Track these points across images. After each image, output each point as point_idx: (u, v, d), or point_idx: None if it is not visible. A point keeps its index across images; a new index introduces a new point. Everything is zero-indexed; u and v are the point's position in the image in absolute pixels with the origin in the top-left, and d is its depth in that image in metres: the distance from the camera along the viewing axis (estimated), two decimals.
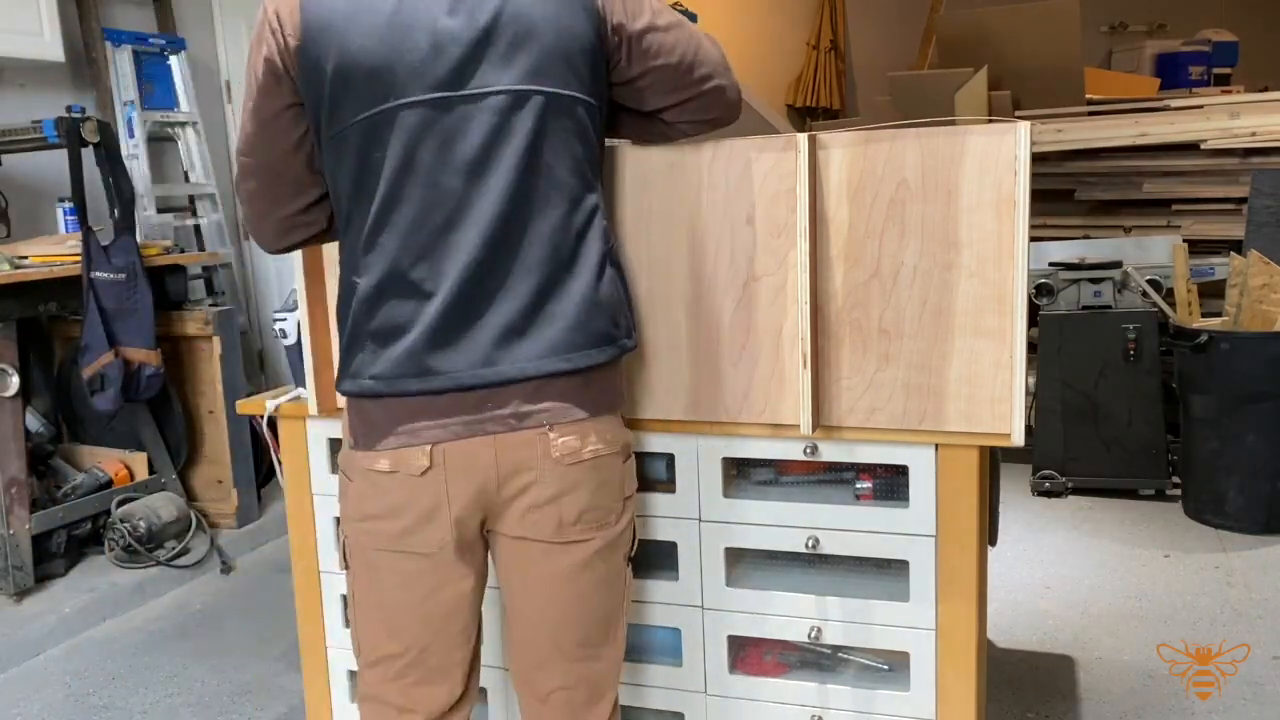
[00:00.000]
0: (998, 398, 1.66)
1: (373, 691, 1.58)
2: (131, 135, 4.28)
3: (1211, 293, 4.14)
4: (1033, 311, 4.00)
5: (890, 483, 1.83)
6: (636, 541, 1.60)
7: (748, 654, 1.97)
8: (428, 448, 1.43)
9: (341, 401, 1.57)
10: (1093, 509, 3.88)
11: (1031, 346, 4.06)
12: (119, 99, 4.27)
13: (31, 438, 3.57)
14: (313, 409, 2.00)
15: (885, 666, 1.90)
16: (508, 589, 1.56)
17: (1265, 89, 5.39)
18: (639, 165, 1.75)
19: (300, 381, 2.07)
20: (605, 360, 1.47)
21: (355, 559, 1.54)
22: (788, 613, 1.86)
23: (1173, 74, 7.28)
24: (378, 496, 1.48)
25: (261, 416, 2.11)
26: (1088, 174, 4.95)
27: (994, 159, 1.61)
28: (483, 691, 2.05)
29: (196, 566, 3.62)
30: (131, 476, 3.71)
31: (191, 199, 4.68)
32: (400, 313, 1.41)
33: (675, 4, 6.43)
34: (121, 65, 4.26)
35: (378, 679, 1.57)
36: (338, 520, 2.11)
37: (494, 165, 1.39)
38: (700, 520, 1.88)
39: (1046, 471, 4.02)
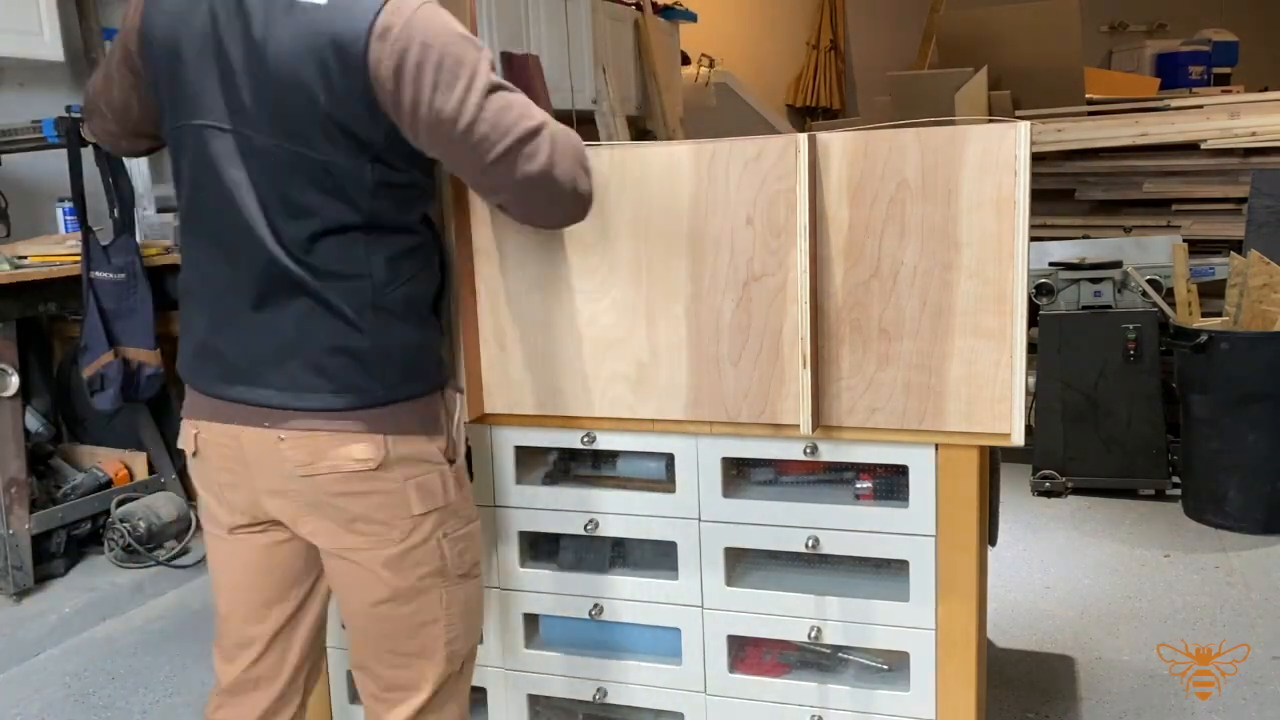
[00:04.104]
0: (998, 398, 1.66)
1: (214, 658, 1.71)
2: None
3: (1211, 293, 4.14)
4: (1033, 311, 4.00)
5: (890, 483, 1.83)
6: (449, 558, 1.55)
7: (748, 654, 1.97)
8: (193, 431, 1.55)
9: None
10: (1093, 509, 3.87)
11: (1031, 346, 4.06)
12: None
13: (31, 438, 3.56)
14: None
15: (885, 666, 1.90)
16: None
17: (1265, 89, 5.39)
18: (638, 165, 1.75)
19: None
20: (341, 406, 1.45)
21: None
22: (788, 613, 1.86)
23: (1173, 74, 7.29)
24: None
25: None
26: (1088, 174, 4.95)
27: (994, 159, 1.61)
28: (482, 690, 2.05)
29: (196, 566, 3.62)
30: (131, 476, 3.71)
31: None
32: (190, 312, 1.55)
33: (675, 4, 6.45)
34: None
35: (214, 647, 1.70)
36: None
37: (252, 206, 1.42)
38: (700, 520, 1.88)
39: (1046, 471, 4.02)
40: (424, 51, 1.34)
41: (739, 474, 1.94)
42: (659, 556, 1.95)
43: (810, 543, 1.82)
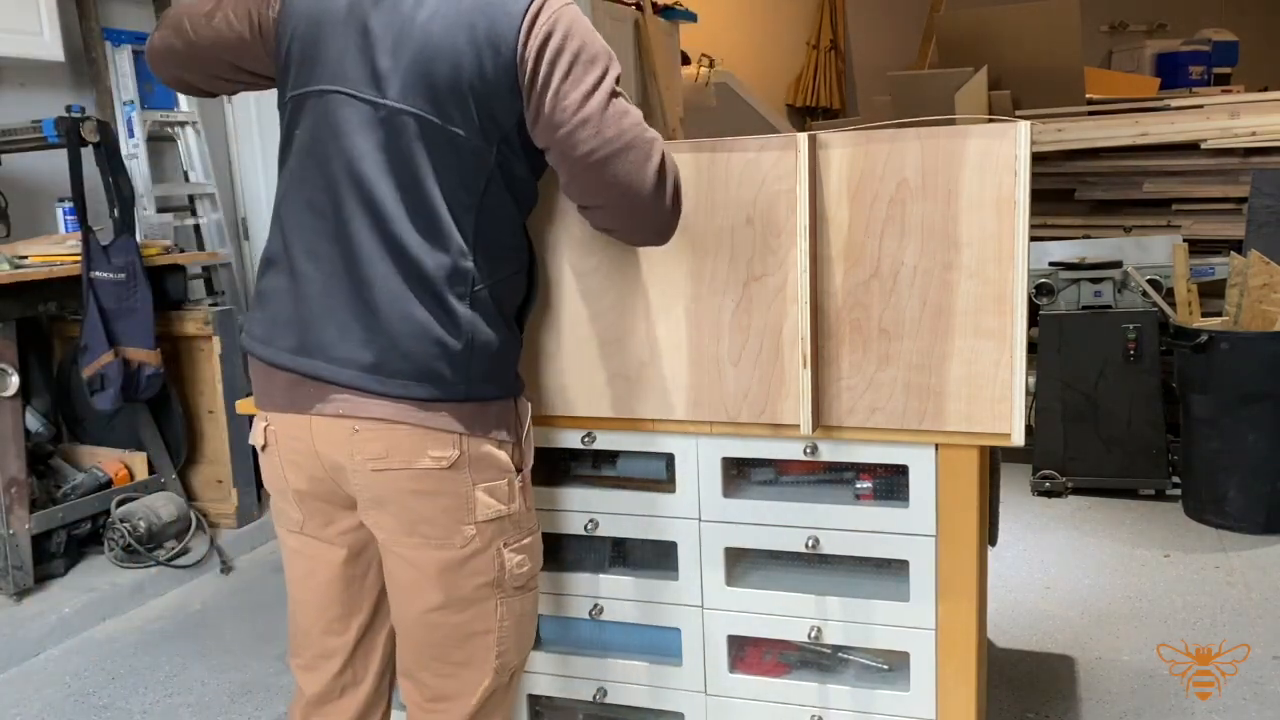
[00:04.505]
0: (998, 398, 1.66)
1: (290, 665, 1.69)
2: (131, 135, 4.28)
3: (1211, 293, 4.14)
4: (1033, 311, 4.00)
5: (890, 483, 1.83)
6: (508, 570, 1.52)
7: (748, 654, 1.97)
8: (263, 424, 1.53)
9: None
10: (1093, 509, 3.87)
11: (1031, 346, 4.06)
12: (119, 99, 4.27)
13: (31, 438, 3.57)
14: None
15: (885, 666, 1.90)
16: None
17: (1265, 89, 5.39)
18: None
19: None
20: (423, 396, 1.42)
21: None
22: (788, 613, 1.86)
23: (1173, 74, 7.29)
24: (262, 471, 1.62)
25: None
26: (1088, 174, 4.95)
27: (994, 159, 1.61)
28: None
29: (196, 566, 3.62)
30: (131, 476, 3.71)
31: (191, 199, 4.68)
32: (275, 283, 1.51)
33: (675, 4, 6.44)
34: (121, 65, 4.26)
35: (289, 655, 1.67)
36: None
37: (371, 173, 1.42)
38: (700, 520, 1.88)
39: (1046, 471, 4.02)
40: (565, 40, 1.39)
41: (739, 474, 1.94)
42: (659, 556, 1.95)
43: (810, 543, 1.82)
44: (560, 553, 2.02)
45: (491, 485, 1.49)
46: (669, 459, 1.89)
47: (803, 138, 1.66)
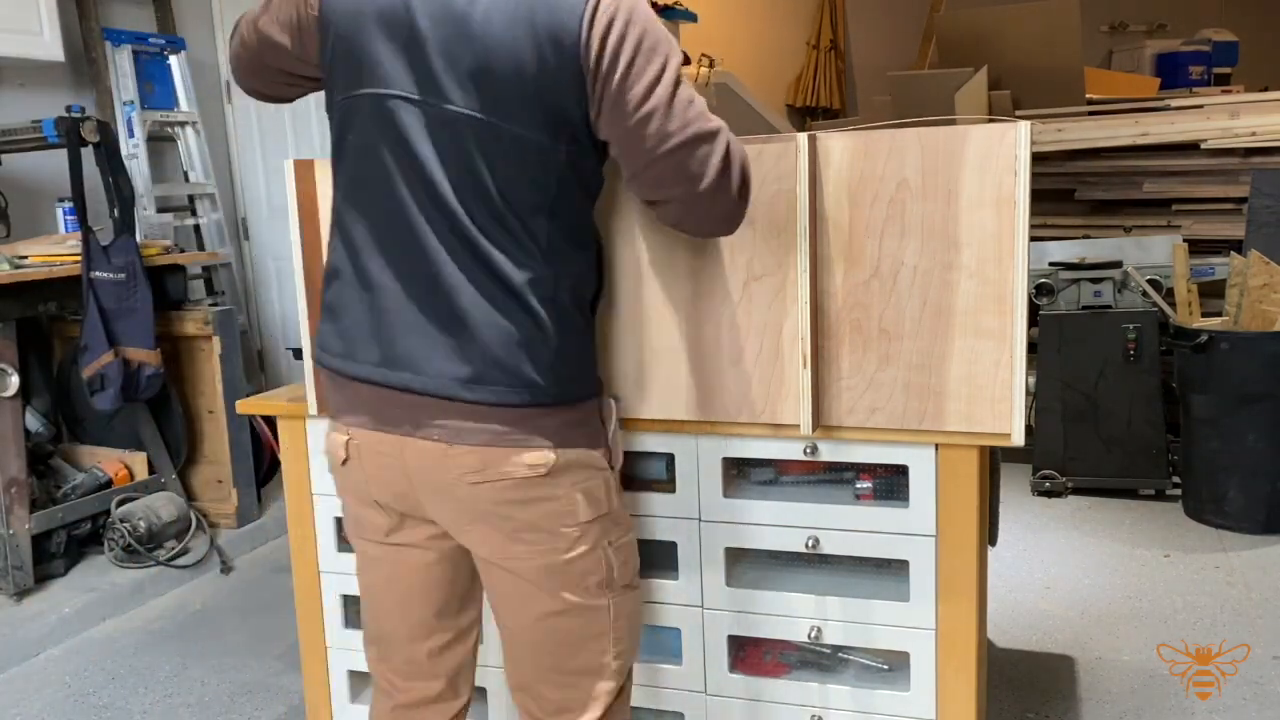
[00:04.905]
0: (998, 398, 1.66)
1: (371, 670, 1.65)
2: (131, 135, 4.28)
3: (1211, 293, 4.14)
4: (1033, 311, 4.00)
5: (890, 483, 1.83)
6: (615, 568, 1.51)
7: (748, 654, 1.97)
8: (344, 438, 1.49)
9: None
10: (1093, 509, 3.87)
11: (1031, 346, 4.06)
12: (119, 99, 4.27)
13: (31, 438, 3.57)
14: (312, 409, 2.00)
15: (885, 666, 1.90)
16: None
17: (1265, 89, 5.39)
18: None
19: None
20: (517, 402, 1.39)
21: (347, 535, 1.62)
22: (788, 613, 1.86)
23: (1173, 74, 7.29)
24: (335, 480, 1.57)
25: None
26: (1088, 174, 4.95)
27: (994, 159, 1.61)
28: (482, 690, 2.05)
29: (196, 566, 3.62)
30: (131, 476, 3.71)
31: (191, 199, 4.68)
32: (346, 294, 1.46)
33: (675, 4, 6.44)
34: (121, 65, 4.26)
35: (371, 659, 1.63)
36: (339, 520, 2.11)
37: (440, 179, 1.38)
38: (700, 520, 1.88)
39: (1046, 471, 4.02)
40: (628, 28, 1.33)
41: (739, 474, 1.94)
42: (659, 556, 1.95)
43: (810, 543, 1.82)
44: None
45: (589, 486, 1.46)
46: (669, 459, 1.89)
47: (803, 138, 1.66)
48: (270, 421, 3.64)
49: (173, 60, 4.51)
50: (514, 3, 1.33)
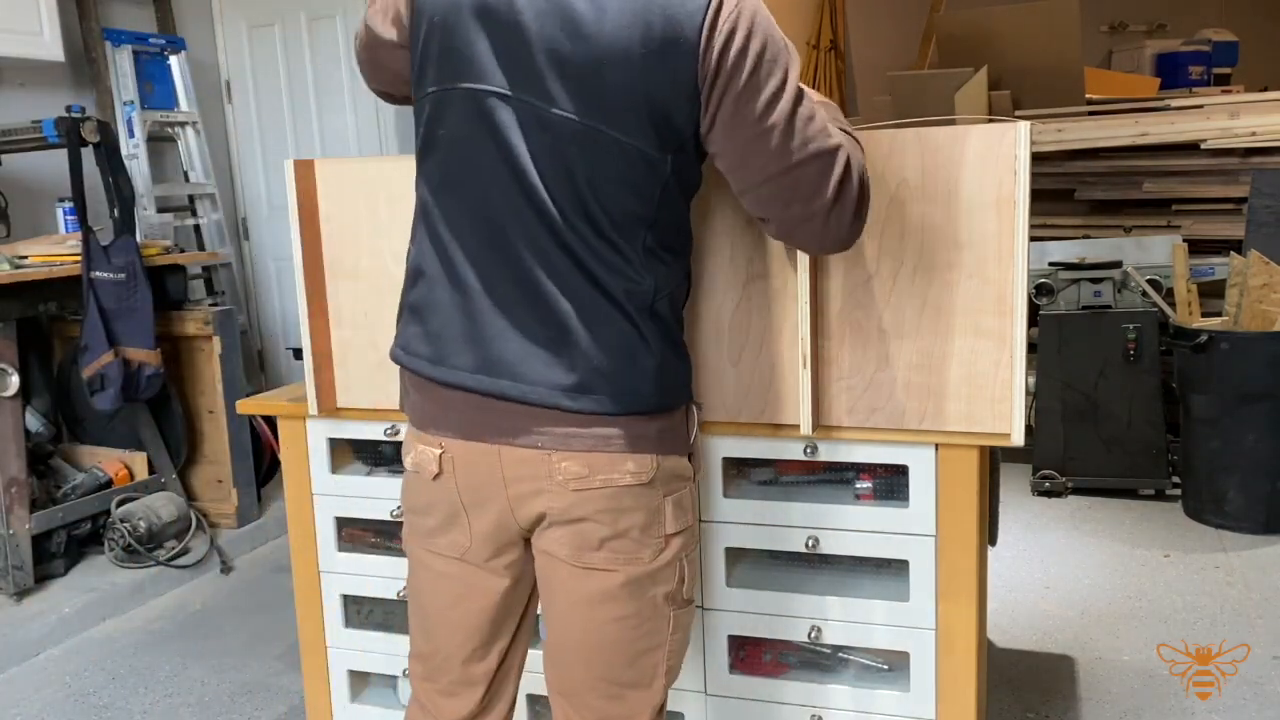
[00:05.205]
0: (998, 398, 1.66)
1: (412, 684, 1.60)
2: (131, 135, 4.28)
3: (1211, 293, 4.14)
4: (1033, 311, 4.00)
5: (890, 483, 1.83)
6: (686, 581, 1.47)
7: (748, 654, 1.97)
8: (437, 451, 1.42)
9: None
10: (1093, 509, 3.87)
11: (1031, 346, 4.06)
12: (119, 99, 4.27)
13: (31, 438, 3.57)
14: (312, 409, 2.00)
15: (885, 666, 1.90)
16: (542, 605, 1.52)
17: (1265, 89, 5.38)
18: None
19: None
20: (621, 411, 1.36)
21: (406, 546, 1.55)
22: (788, 613, 1.86)
23: (1173, 74, 7.28)
24: (410, 489, 1.50)
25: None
26: (1088, 174, 4.95)
27: (994, 159, 1.61)
28: None
29: (196, 566, 3.62)
30: (131, 476, 3.71)
31: (191, 199, 4.68)
32: (436, 295, 1.40)
33: None
34: (121, 65, 4.26)
35: (415, 674, 1.58)
36: (339, 520, 2.12)
37: (538, 182, 1.31)
38: (700, 520, 1.88)
39: (1046, 471, 4.01)
40: (749, 38, 1.26)
41: (739, 474, 1.94)
42: None
43: (810, 543, 1.82)
44: None
45: (679, 496, 1.43)
46: None
47: None
48: (270, 421, 3.64)
49: (173, 60, 4.52)
50: (631, 6, 1.25)
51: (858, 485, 1.85)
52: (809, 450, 1.78)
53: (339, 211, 1.97)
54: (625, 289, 1.34)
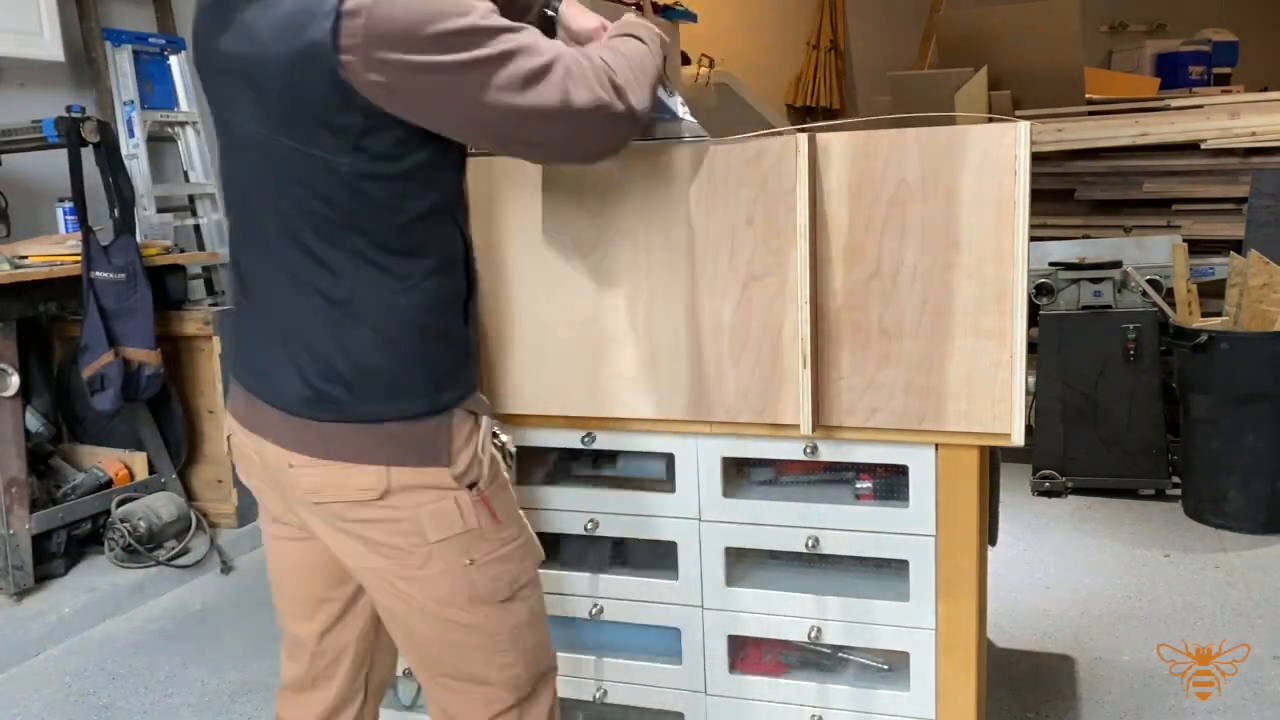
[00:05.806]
0: (998, 398, 1.66)
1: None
2: (131, 135, 4.28)
3: (1211, 293, 4.14)
4: (1033, 311, 4.00)
5: (890, 482, 1.83)
6: (481, 585, 1.44)
7: (748, 654, 1.97)
8: (228, 435, 1.56)
9: None
10: (1093, 509, 3.87)
11: (1031, 346, 4.06)
12: (119, 99, 4.27)
13: (31, 438, 3.56)
14: None
15: (885, 666, 1.90)
16: None
17: (1265, 89, 5.39)
18: (639, 165, 1.75)
19: None
20: (342, 418, 1.37)
21: None
22: (788, 613, 1.86)
23: (1173, 74, 7.29)
24: None
25: None
26: (1088, 174, 4.95)
27: (994, 159, 1.61)
28: None
29: (196, 566, 3.62)
30: (131, 476, 3.71)
31: (191, 199, 4.68)
32: (234, 294, 1.52)
33: (675, 4, 6.44)
34: (121, 65, 4.26)
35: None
36: None
37: (252, 197, 1.39)
38: (700, 520, 1.88)
39: (1046, 471, 4.01)
40: (403, 26, 1.22)
41: (739, 474, 1.94)
42: (659, 556, 1.95)
43: (810, 543, 1.82)
44: (560, 553, 2.02)
45: (435, 507, 1.39)
46: (669, 459, 1.89)
47: (803, 137, 1.66)
48: None
49: (173, 60, 4.51)
50: (275, 10, 1.26)
51: (858, 485, 1.85)
52: (809, 450, 1.78)
53: None
54: (346, 296, 1.34)
